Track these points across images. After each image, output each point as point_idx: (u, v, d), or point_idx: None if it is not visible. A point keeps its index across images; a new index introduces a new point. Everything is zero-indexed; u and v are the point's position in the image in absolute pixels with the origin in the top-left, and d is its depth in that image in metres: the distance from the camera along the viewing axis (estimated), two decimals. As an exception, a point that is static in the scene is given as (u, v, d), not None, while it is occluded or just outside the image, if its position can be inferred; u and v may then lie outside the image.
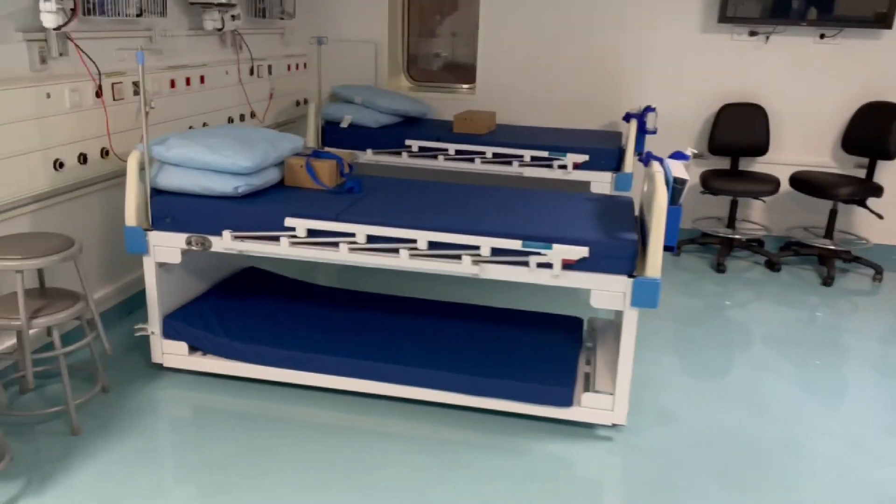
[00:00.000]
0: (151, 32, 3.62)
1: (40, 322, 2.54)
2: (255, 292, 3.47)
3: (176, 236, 2.91)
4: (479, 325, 3.25)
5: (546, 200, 3.13)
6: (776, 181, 4.66)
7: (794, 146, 5.00)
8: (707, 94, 5.01)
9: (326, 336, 3.06)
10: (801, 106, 4.91)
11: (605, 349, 3.14)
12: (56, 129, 2.97)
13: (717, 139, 4.92)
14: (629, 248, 2.56)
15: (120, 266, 3.59)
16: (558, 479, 2.52)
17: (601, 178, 4.40)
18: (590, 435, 2.80)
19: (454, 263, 2.69)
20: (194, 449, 2.61)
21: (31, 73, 2.91)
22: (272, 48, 4.99)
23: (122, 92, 3.35)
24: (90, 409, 2.85)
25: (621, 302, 2.61)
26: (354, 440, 2.70)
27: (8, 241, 2.64)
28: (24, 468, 2.46)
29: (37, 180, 2.91)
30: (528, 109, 5.30)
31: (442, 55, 5.87)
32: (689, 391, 3.17)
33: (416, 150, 4.61)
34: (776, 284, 4.58)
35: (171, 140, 2.92)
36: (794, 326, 3.93)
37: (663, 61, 5.00)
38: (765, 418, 2.97)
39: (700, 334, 3.78)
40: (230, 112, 4.37)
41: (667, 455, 2.69)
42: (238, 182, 2.88)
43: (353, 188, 3.14)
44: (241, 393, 3.00)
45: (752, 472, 2.61)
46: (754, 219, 5.18)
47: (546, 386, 2.74)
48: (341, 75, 5.51)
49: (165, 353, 3.07)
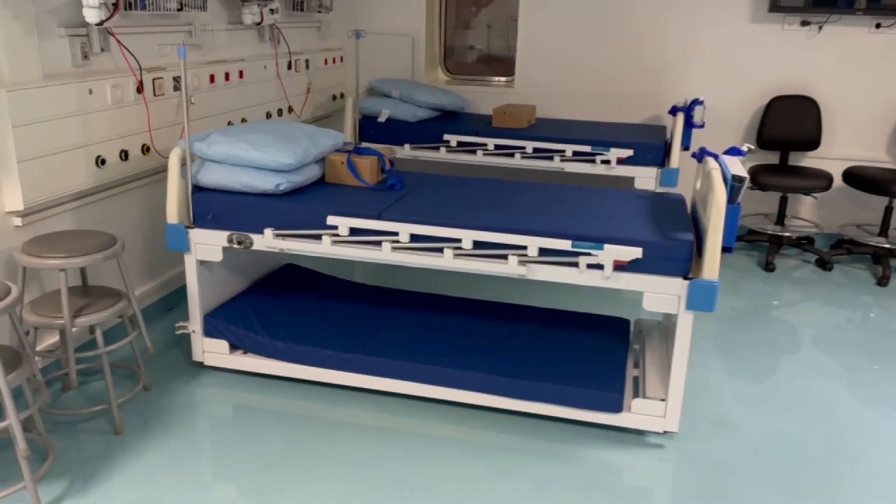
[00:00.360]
0: (191, 27, 3.58)
1: (83, 321, 2.52)
2: (294, 290, 3.42)
3: (217, 234, 2.87)
4: (523, 325, 3.16)
5: (593, 198, 3.02)
6: (829, 177, 4.48)
7: (846, 140, 4.81)
8: (756, 87, 4.84)
9: (368, 336, 3.01)
10: (855, 98, 4.72)
11: (653, 352, 3.04)
12: (98, 126, 2.95)
13: (767, 133, 4.76)
14: (685, 249, 2.45)
15: (159, 263, 3.58)
16: (610, 488, 2.43)
17: (646, 174, 4.28)
18: (640, 442, 2.70)
19: (500, 264, 2.61)
20: (236, 449, 2.58)
21: (73, 69, 2.89)
22: (309, 42, 4.95)
23: (163, 87, 3.32)
24: (132, 407, 2.83)
25: (675, 305, 2.50)
26: (398, 443, 2.64)
27: (51, 238, 2.62)
28: (67, 468, 2.44)
29: (79, 177, 2.89)
30: (568, 103, 5.18)
31: (476, 47, 5.77)
32: (741, 397, 3.05)
33: (455, 144, 4.53)
34: (828, 284, 4.41)
35: (213, 136, 2.88)
36: (848, 328, 3.77)
37: (710, 52, 4.84)
38: (823, 426, 2.84)
39: (749, 336, 3.64)
40: (268, 107, 4.33)
41: (722, 464, 2.58)
42: (280, 179, 2.84)
43: (395, 185, 3.07)
44: (282, 392, 2.96)
45: (814, 483, 2.49)
46: (804, 215, 5.01)
47: (596, 391, 2.65)
48: (378, 69, 5.44)
49: (206, 351, 3.05)
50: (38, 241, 2.60)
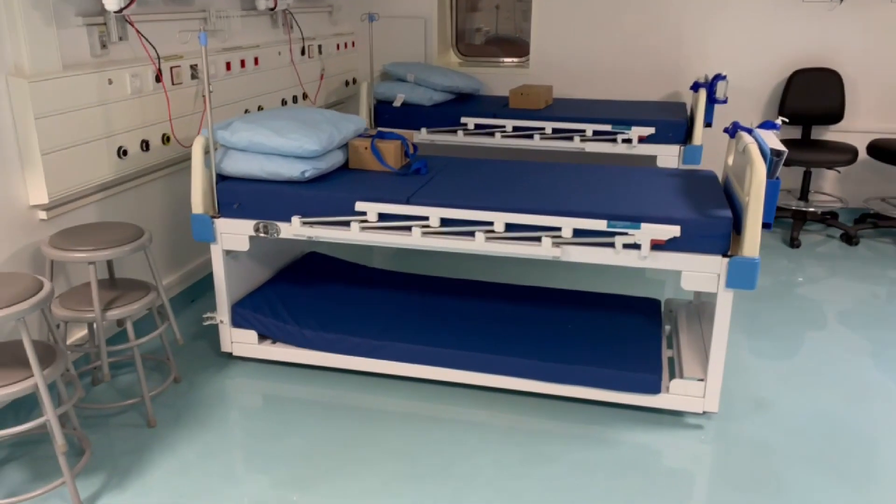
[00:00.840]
0: (206, 13, 3.52)
1: (114, 314, 2.49)
2: (320, 278, 3.39)
3: (244, 223, 2.83)
4: (552, 308, 3.12)
5: (622, 177, 2.97)
6: (853, 150, 4.41)
7: (869, 113, 4.73)
8: (777, 60, 4.75)
9: (398, 322, 2.97)
10: (878, 70, 4.64)
11: (686, 332, 2.99)
12: (119, 116, 2.91)
13: (789, 107, 4.68)
14: (724, 227, 2.40)
15: (180, 254, 3.55)
16: (651, 471, 2.39)
17: (668, 152, 4.21)
18: (678, 423, 2.66)
19: (533, 246, 2.56)
20: (271, 440, 2.55)
21: (92, 59, 2.85)
22: (321, 27, 4.88)
23: (181, 76, 3.27)
24: (162, 399, 2.81)
25: (715, 283, 2.46)
26: (434, 430, 2.61)
27: (78, 231, 2.59)
28: (103, 462, 2.42)
29: (102, 169, 2.85)
30: (584, 82, 5.11)
31: (484, 29, 5.68)
32: (776, 375, 3.01)
33: (472, 127, 4.47)
34: (854, 259, 4.35)
35: (236, 124, 2.83)
36: (877, 304, 3.72)
37: (729, 26, 4.75)
38: (862, 404, 2.80)
39: (776, 314, 3.59)
40: (283, 94, 4.27)
41: (763, 444, 2.54)
42: (305, 166, 2.79)
43: (420, 169, 3.02)
44: (313, 381, 2.93)
45: (859, 463, 2.45)
46: (827, 190, 4.94)
47: (634, 373, 2.61)
48: (390, 53, 5.37)
49: (234, 341, 3.02)
50: (65, 234, 2.56)
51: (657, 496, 2.28)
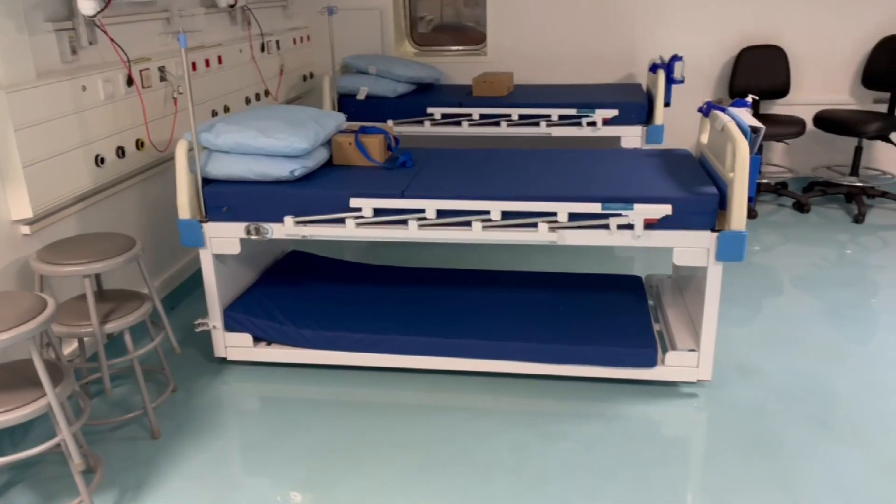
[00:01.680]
0: (169, 13, 3.43)
1: (111, 327, 2.43)
2: (307, 276, 3.37)
3: (234, 226, 2.79)
4: (542, 291, 3.20)
5: (606, 159, 3.06)
6: (801, 122, 4.63)
7: (813, 85, 4.97)
8: (725, 39, 4.94)
9: (395, 315, 2.99)
10: (820, 44, 4.87)
11: (671, 306, 3.12)
12: (94, 123, 2.82)
13: (738, 83, 4.87)
14: (712, 203, 2.51)
15: (160, 260, 3.47)
16: (655, 441, 2.50)
17: (632, 133, 4.34)
18: (674, 393, 2.78)
19: (530, 232, 2.62)
20: (281, 441, 2.55)
21: (63, 66, 2.75)
22: (277, 22, 4.81)
23: (150, 78, 3.19)
24: (162, 410, 2.76)
25: (705, 258, 2.57)
26: (444, 419, 2.65)
27: (66, 245, 2.51)
28: (114, 478, 2.38)
29: (81, 178, 2.76)
30: (542, 67, 5.19)
31: (427, 18, 5.69)
32: (754, 341, 3.16)
33: (439, 117, 4.50)
34: (806, 225, 4.59)
35: (219, 126, 2.78)
36: (830, 267, 3.94)
37: (679, 6, 4.90)
38: (839, 361, 2.98)
39: (741, 282, 3.77)
40: (247, 92, 4.21)
41: (757, 407, 2.68)
42: (294, 165, 2.77)
43: (406, 162, 3.04)
44: (313, 380, 2.93)
45: (845, 416, 2.62)
46: (776, 161, 5.17)
47: (630, 349, 2.71)
48: (347, 45, 5.33)
49: (229, 346, 2.98)
50: (53, 248, 2.48)
51: (668, 463, 2.38)
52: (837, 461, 2.38)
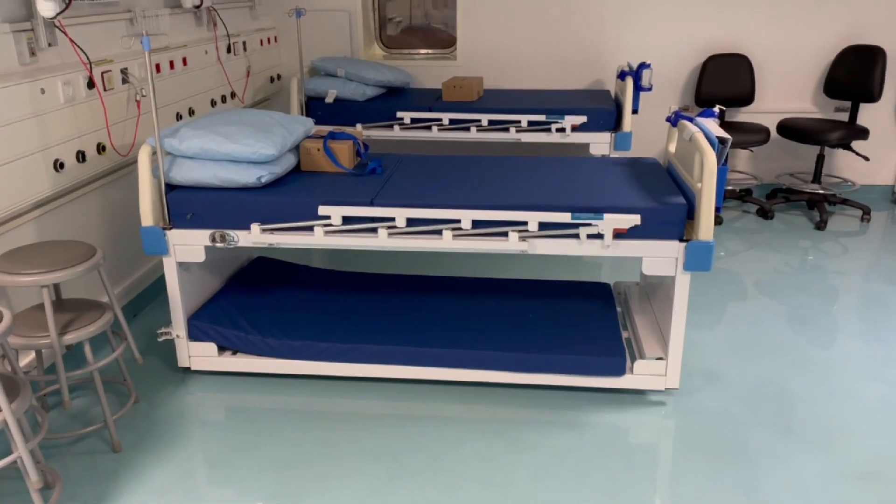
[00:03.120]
0: (132, 14, 3.35)
1: (70, 338, 2.36)
2: (272, 283, 3.32)
3: (198, 233, 2.74)
4: (511, 298, 3.19)
5: (576, 168, 3.06)
6: (766, 130, 4.71)
7: (776, 94, 5.06)
8: (691, 47, 5.00)
9: (362, 324, 2.96)
10: (784, 53, 4.96)
11: (638, 313, 3.14)
12: (53, 127, 2.74)
13: (704, 91, 4.94)
14: (680, 213, 2.53)
15: (120, 268, 3.39)
16: (624, 449, 2.51)
17: (600, 139, 4.37)
18: (642, 401, 2.80)
19: (501, 241, 2.61)
20: (247, 453, 2.50)
21: (21, 68, 2.66)
22: (243, 23, 4.73)
23: (112, 81, 3.11)
24: (122, 422, 2.69)
25: (673, 267, 2.59)
26: (412, 428, 2.63)
27: (23, 253, 2.43)
28: (74, 494, 2.31)
29: (39, 184, 2.68)
30: (511, 72, 5.20)
31: (396, 19, 5.67)
32: (719, 348, 3.20)
33: (409, 121, 4.47)
34: (770, 231, 4.67)
35: (184, 131, 2.72)
36: (793, 273, 4.01)
37: (647, 14, 4.95)
38: (801, 367, 3.03)
39: (705, 289, 3.81)
40: (212, 94, 4.13)
41: (722, 414, 2.71)
42: (261, 171, 2.72)
43: (376, 168, 3.01)
44: (279, 390, 2.88)
45: (807, 421, 2.66)
46: (741, 168, 5.25)
47: (599, 357, 2.71)
48: (315, 47, 5.28)
49: (192, 355, 2.92)
50: (9, 256, 2.40)
51: (636, 470, 2.40)
52: (800, 466, 2.41)
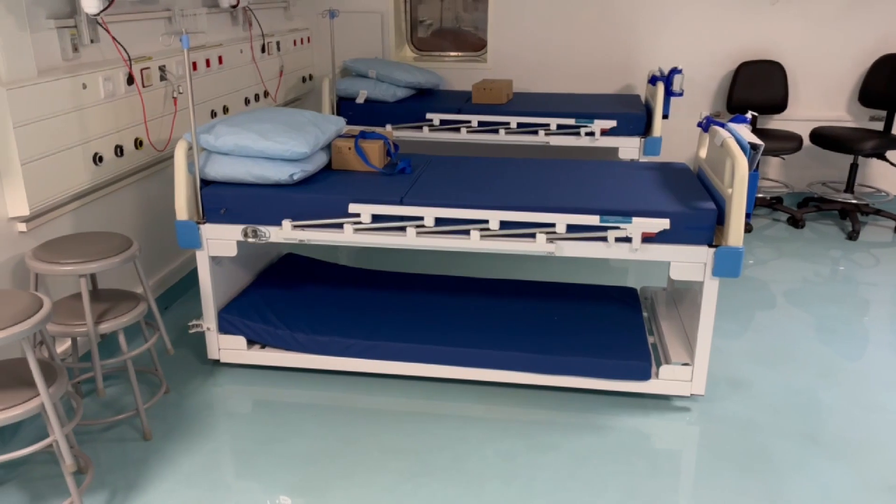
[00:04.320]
0: (171, 12, 3.43)
1: (105, 327, 2.42)
2: (302, 280, 3.37)
3: (231, 228, 2.79)
4: (537, 300, 3.20)
5: (604, 171, 3.07)
6: (798, 138, 4.66)
7: (809, 102, 5.00)
8: (723, 53, 4.96)
9: (388, 321, 2.99)
10: (818, 60, 4.90)
11: (665, 319, 3.13)
12: (93, 121, 2.81)
13: (736, 98, 4.90)
14: (710, 218, 2.52)
15: (154, 261, 3.46)
16: (647, 454, 2.51)
17: (629, 144, 4.36)
18: (666, 407, 2.79)
19: (528, 243, 2.63)
20: (273, 446, 2.54)
21: (64, 63, 2.74)
22: (278, 23, 4.80)
23: (150, 78, 3.18)
24: (153, 411, 2.75)
25: (702, 273, 2.58)
26: (436, 427, 2.65)
27: (62, 243, 2.50)
28: (105, 479, 2.37)
29: (78, 177, 2.75)
30: (541, 76, 5.20)
31: (426, 22, 5.69)
32: (747, 355, 3.18)
33: (438, 123, 4.50)
34: (800, 240, 4.61)
35: (219, 128, 2.78)
36: (823, 282, 3.96)
37: (678, 20, 4.93)
38: (830, 377, 2.99)
39: (735, 296, 3.78)
40: (246, 92, 4.20)
41: (748, 422, 2.69)
42: (293, 169, 2.77)
43: (405, 168, 3.04)
44: (306, 385, 2.92)
45: (835, 432, 2.63)
46: (772, 176, 5.20)
47: (624, 361, 2.71)
48: (347, 48, 5.33)
49: (222, 348, 2.98)
50: (48, 246, 2.47)
51: (658, 475, 2.39)
52: (826, 477, 2.39)
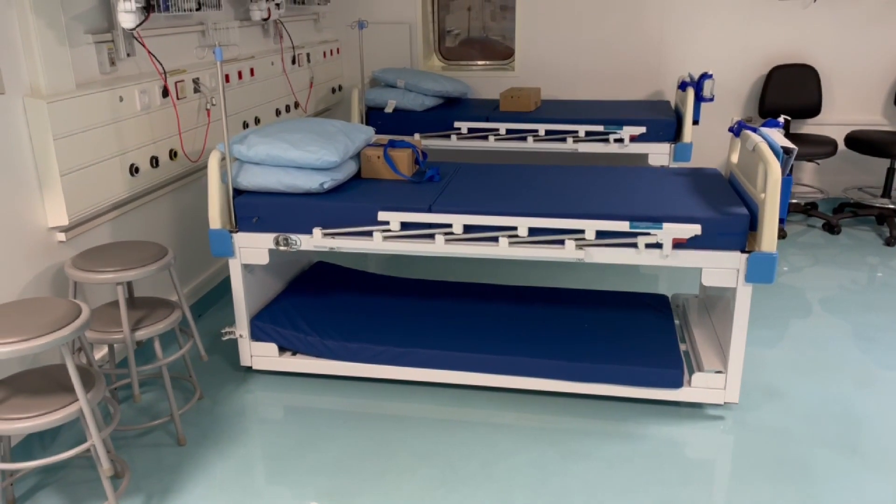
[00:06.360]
0: (204, 26, 3.50)
1: (142, 334, 2.47)
2: (332, 288, 3.40)
3: (263, 237, 2.83)
4: (567, 308, 3.19)
5: (634, 177, 3.05)
6: (833, 143, 4.58)
7: (844, 106, 4.92)
8: (755, 58, 4.91)
9: (418, 329, 3.00)
10: (852, 63, 4.82)
11: (697, 326, 3.09)
12: (129, 133, 2.88)
13: (768, 102, 4.84)
14: (742, 224, 2.49)
15: (187, 270, 3.52)
16: (680, 463, 2.47)
17: (659, 150, 4.32)
18: (700, 415, 2.75)
19: (557, 249, 2.62)
20: (305, 451, 2.56)
21: (102, 77, 2.81)
22: (308, 35, 4.87)
23: (185, 90, 3.25)
24: (187, 417, 2.79)
25: (734, 279, 2.55)
26: (466, 434, 2.65)
27: (99, 252, 2.56)
28: (140, 483, 2.41)
29: (116, 187, 2.82)
30: (569, 83, 5.20)
31: (454, 31, 5.72)
32: (783, 364, 3.12)
33: (466, 131, 4.52)
34: (836, 247, 4.52)
35: (251, 138, 2.82)
36: (860, 290, 3.88)
37: (708, 25, 4.89)
38: (868, 387, 2.93)
39: (769, 304, 3.72)
40: (277, 104, 4.26)
41: (783, 431, 2.65)
42: (323, 178, 2.80)
43: (434, 176, 3.06)
44: (337, 391, 2.94)
45: (873, 443, 2.57)
46: (806, 181, 5.12)
47: (656, 369, 2.69)
48: (376, 59, 5.38)
49: (255, 355, 3.01)
50: (87, 255, 2.53)
51: (692, 484, 2.36)
52: (865, 487, 2.33)
